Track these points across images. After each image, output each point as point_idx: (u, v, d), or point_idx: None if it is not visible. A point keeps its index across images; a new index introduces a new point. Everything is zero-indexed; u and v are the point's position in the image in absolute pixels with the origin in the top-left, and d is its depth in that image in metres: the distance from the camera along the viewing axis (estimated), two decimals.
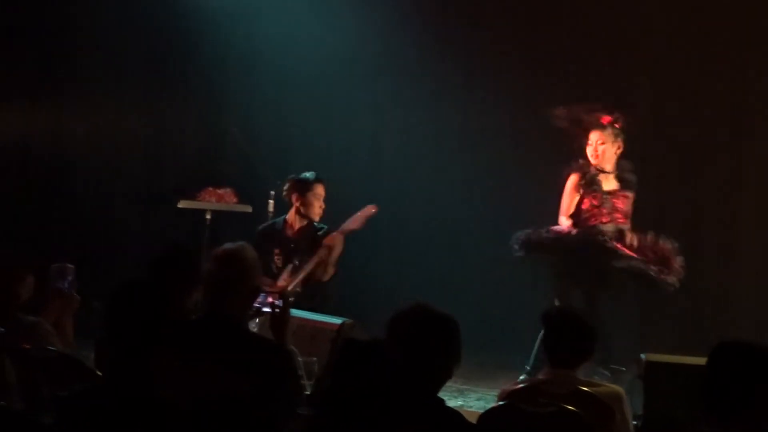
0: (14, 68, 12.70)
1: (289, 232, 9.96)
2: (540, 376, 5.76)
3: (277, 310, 5.63)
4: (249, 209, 11.73)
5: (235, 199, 11.78)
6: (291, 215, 9.97)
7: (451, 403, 8.97)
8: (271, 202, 11.20)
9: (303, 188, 9.91)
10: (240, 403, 4.56)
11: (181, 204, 11.72)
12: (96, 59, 12.95)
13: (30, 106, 12.88)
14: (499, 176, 12.09)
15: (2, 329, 5.99)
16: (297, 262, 9.80)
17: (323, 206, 9.94)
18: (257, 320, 7.38)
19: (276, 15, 12.53)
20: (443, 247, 12.35)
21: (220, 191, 11.74)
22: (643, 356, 7.52)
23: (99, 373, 5.18)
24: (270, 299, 5.78)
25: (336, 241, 9.75)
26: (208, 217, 11.58)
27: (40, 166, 13.12)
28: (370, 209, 9.87)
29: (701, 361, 4.58)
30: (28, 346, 5.83)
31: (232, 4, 12.54)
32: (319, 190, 9.91)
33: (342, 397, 4.20)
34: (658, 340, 10.54)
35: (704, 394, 4.34)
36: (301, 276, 9.68)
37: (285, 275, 9.71)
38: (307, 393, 5.48)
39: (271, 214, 11.12)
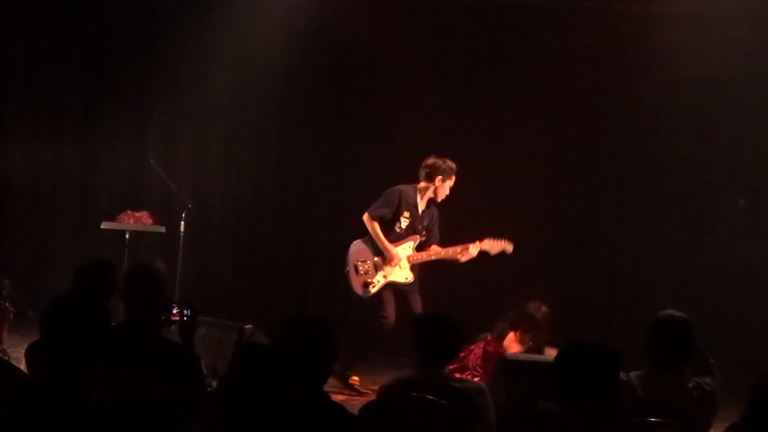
0: None
1: (420, 206, 9.90)
2: (413, 375, 5.88)
3: (186, 318, 5.71)
4: (163, 230, 11.78)
5: (150, 221, 11.78)
6: (421, 192, 9.87)
7: (337, 397, 9.05)
8: (182, 223, 11.28)
9: (448, 174, 9.83)
10: (150, 403, 4.59)
11: (103, 225, 11.69)
12: (35, 101, 12.96)
13: None
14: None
15: None
16: (420, 239, 9.89)
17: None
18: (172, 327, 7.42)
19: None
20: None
21: (138, 214, 11.72)
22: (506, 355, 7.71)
23: (31, 375, 5.22)
24: (178, 309, 5.77)
25: (473, 255, 9.82)
26: (127, 236, 11.56)
27: None
28: (476, 250, 9.86)
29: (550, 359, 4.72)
30: None
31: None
32: (453, 182, 9.87)
33: (236, 395, 4.28)
34: None
35: (555, 386, 4.48)
36: (429, 258, 9.84)
37: (407, 245, 9.83)
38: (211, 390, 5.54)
39: (182, 234, 11.19)
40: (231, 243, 13.01)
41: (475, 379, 8.98)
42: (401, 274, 9.88)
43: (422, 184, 9.90)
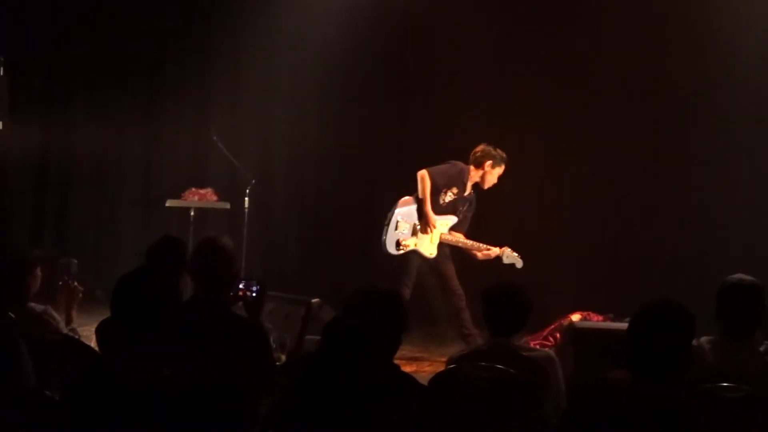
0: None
1: (468, 187, 9.89)
2: (482, 344, 5.81)
3: (254, 293, 5.66)
4: (228, 206, 11.79)
5: (215, 198, 11.82)
6: (471, 175, 9.85)
7: (406, 368, 9.03)
8: (246, 199, 11.28)
9: (498, 162, 9.83)
10: (219, 378, 4.58)
11: (168, 203, 11.76)
12: (98, 80, 13.07)
13: (44, 121, 13.09)
14: None
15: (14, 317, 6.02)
16: (456, 221, 9.84)
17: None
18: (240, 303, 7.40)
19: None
20: None
21: (202, 191, 11.78)
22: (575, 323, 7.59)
23: (101, 352, 5.23)
24: (246, 285, 5.72)
25: (490, 256, 9.81)
26: (192, 214, 11.62)
27: (54, 175, 13.27)
28: (494, 254, 9.83)
29: (621, 326, 4.60)
30: (37, 331, 5.86)
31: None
32: (502, 171, 9.86)
33: (305, 368, 4.25)
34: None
35: (628, 350, 4.33)
36: (457, 243, 9.79)
37: (445, 222, 9.77)
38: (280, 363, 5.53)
39: (247, 210, 11.19)
40: (294, 218, 13.04)
41: (546, 347, 8.87)
42: (428, 247, 9.80)
43: (471, 168, 9.84)
